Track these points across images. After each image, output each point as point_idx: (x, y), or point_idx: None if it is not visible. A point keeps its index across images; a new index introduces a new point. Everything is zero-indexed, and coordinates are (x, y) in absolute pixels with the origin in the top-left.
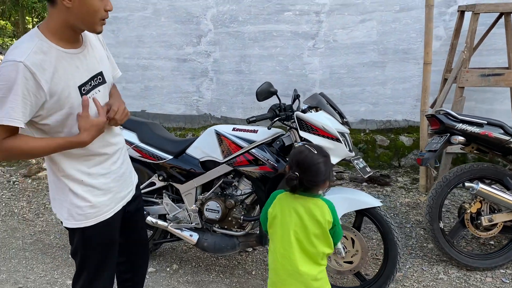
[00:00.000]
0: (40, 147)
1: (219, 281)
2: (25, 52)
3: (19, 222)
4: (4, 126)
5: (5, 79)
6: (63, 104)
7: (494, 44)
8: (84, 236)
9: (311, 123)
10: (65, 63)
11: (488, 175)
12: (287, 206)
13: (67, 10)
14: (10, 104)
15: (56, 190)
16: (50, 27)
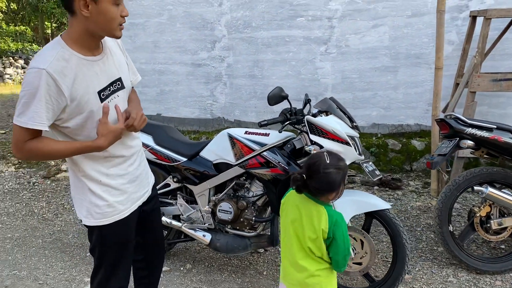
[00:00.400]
0: (59, 150)
1: (231, 281)
2: (48, 59)
3: (39, 221)
4: (28, 129)
5: (29, 86)
6: (82, 108)
7: (507, 49)
8: (102, 234)
9: (321, 127)
10: (85, 70)
11: (498, 179)
12: (293, 202)
13: (86, 19)
14: (34, 108)
15: (76, 190)
16: (71, 36)
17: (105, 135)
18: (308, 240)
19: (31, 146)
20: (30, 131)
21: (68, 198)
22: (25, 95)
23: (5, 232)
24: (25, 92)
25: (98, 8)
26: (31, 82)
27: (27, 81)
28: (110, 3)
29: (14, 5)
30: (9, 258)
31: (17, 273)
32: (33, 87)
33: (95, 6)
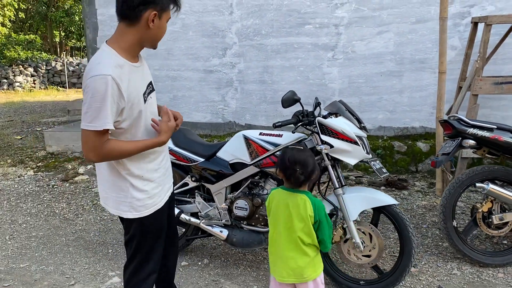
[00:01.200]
0: (131, 148)
1: (246, 274)
2: (109, 66)
3: (61, 221)
4: (102, 131)
5: (97, 91)
6: (134, 109)
7: (508, 53)
8: (143, 224)
9: (332, 128)
10: (134, 75)
11: (499, 177)
12: (278, 200)
13: (147, 30)
14: (105, 111)
15: (116, 189)
16: (121, 45)
17: (167, 132)
18: (298, 230)
19: (108, 148)
20: (103, 133)
21: (87, 199)
22: (95, 101)
23: (30, 231)
24: (93, 98)
25: (160, 23)
26: (98, 88)
27: (94, 88)
28: (166, 20)
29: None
30: (36, 254)
31: (44, 268)
32: (101, 92)
33: (158, 21)
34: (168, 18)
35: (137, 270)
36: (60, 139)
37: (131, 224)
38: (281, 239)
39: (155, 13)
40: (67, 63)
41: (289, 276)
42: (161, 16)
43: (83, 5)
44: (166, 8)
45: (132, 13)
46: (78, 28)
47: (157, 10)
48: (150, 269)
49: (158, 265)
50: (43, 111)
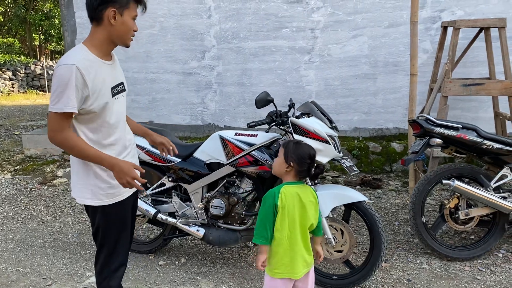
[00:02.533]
0: (84, 148)
1: (223, 272)
2: (76, 58)
3: (39, 223)
4: (63, 114)
5: (62, 78)
6: (100, 100)
7: (477, 57)
8: (106, 214)
9: (304, 127)
10: (103, 70)
11: (466, 174)
12: (292, 196)
13: (111, 27)
14: (67, 96)
15: (82, 175)
16: (93, 43)
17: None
18: (312, 218)
19: (66, 135)
20: (65, 116)
21: (66, 201)
22: (59, 86)
23: (6, 234)
24: (58, 84)
25: (122, 19)
26: (63, 75)
27: (60, 74)
28: (130, 17)
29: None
30: (12, 256)
31: (21, 269)
32: (65, 79)
33: (120, 18)
34: (133, 15)
35: (106, 262)
36: (38, 142)
37: (95, 214)
38: (297, 235)
39: (114, 10)
40: (46, 67)
41: (304, 268)
42: (123, 13)
43: (61, 8)
44: (125, 5)
45: (95, 13)
46: (58, 32)
47: (116, 7)
48: (119, 261)
49: (127, 257)
50: (21, 115)
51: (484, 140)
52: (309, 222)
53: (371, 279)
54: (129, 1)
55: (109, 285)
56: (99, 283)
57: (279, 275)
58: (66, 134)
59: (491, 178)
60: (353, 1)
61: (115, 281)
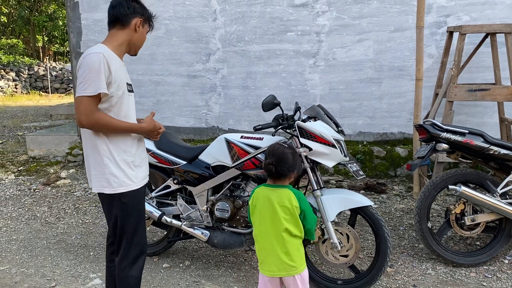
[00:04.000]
0: (117, 124)
1: (227, 275)
2: (102, 50)
3: (42, 225)
4: (95, 97)
5: (92, 64)
6: (120, 89)
7: (483, 62)
8: (122, 202)
9: (310, 131)
10: (120, 66)
11: (471, 180)
12: (263, 197)
13: (134, 34)
14: (98, 80)
15: (97, 165)
16: (113, 43)
17: (150, 123)
18: (285, 222)
19: (98, 116)
20: (96, 98)
21: (69, 203)
22: (90, 72)
23: (10, 235)
24: (89, 70)
25: (143, 30)
26: (93, 61)
27: (90, 61)
28: (146, 31)
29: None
30: (16, 257)
31: (25, 270)
32: (95, 65)
33: (142, 28)
34: (147, 31)
35: (126, 252)
36: (42, 143)
37: (112, 204)
38: (270, 235)
39: (141, 20)
40: (50, 68)
41: (280, 270)
42: (143, 26)
43: (67, 10)
44: (146, 21)
45: (125, 18)
46: (62, 33)
47: (142, 19)
48: (138, 250)
49: (146, 245)
50: (25, 115)
51: (491, 146)
52: (282, 227)
53: (376, 284)
54: (148, 18)
55: (129, 275)
56: (120, 273)
57: (260, 269)
58: (97, 115)
59: (497, 184)
60: (359, 5)
61: (136, 270)
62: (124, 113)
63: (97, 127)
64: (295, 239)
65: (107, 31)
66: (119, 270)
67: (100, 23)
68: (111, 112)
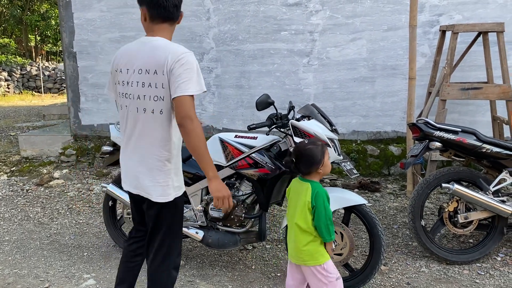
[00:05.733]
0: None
1: (222, 275)
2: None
3: (35, 225)
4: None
5: (193, 63)
6: None
7: (475, 61)
8: (176, 206)
9: (304, 130)
10: None
11: (464, 178)
12: (292, 188)
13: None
14: (201, 79)
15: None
16: (170, 39)
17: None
18: (297, 216)
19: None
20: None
21: (63, 203)
22: (192, 71)
23: (3, 236)
24: (191, 69)
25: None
26: (193, 60)
27: (191, 61)
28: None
29: None
30: (9, 258)
31: (18, 271)
32: (195, 64)
33: None
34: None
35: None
36: (35, 143)
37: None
38: (290, 223)
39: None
40: (42, 68)
41: (292, 257)
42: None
43: (59, 9)
44: None
45: (176, 13)
46: (54, 33)
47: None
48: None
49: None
50: (17, 115)
51: (483, 144)
52: (295, 219)
53: (371, 282)
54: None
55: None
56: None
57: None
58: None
59: (490, 182)
60: (352, 4)
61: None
62: None
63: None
64: (304, 235)
65: (100, 30)
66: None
67: (93, 22)
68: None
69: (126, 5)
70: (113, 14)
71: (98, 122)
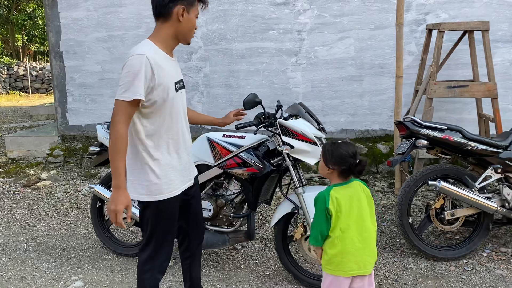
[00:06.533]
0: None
1: (211, 274)
2: (146, 49)
3: (22, 227)
4: (131, 102)
5: (132, 67)
6: (165, 92)
7: (461, 59)
8: (158, 209)
9: (292, 129)
10: (168, 64)
11: (451, 175)
12: (344, 197)
13: (178, 24)
14: (136, 85)
15: (136, 172)
16: (159, 38)
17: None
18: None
19: (123, 129)
20: (131, 104)
21: (50, 205)
22: (129, 75)
23: None
24: (128, 73)
25: (188, 17)
26: (134, 64)
27: (130, 64)
28: (194, 15)
29: None
30: None
31: (4, 274)
32: (135, 68)
33: (187, 15)
34: (196, 13)
35: (152, 256)
36: (22, 144)
37: (146, 209)
38: (354, 232)
39: (183, 7)
40: (30, 68)
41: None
42: (189, 11)
43: (45, 8)
44: (193, 3)
45: (164, 9)
46: (42, 32)
47: (185, 5)
48: (165, 256)
49: (170, 255)
50: (4, 116)
51: (469, 142)
52: (366, 220)
53: None
54: (192, 2)
55: (154, 277)
56: (141, 275)
57: (330, 271)
58: (123, 129)
59: (475, 179)
60: (340, 3)
61: (159, 275)
62: (170, 115)
63: (113, 137)
64: (374, 232)
65: (87, 30)
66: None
67: (80, 22)
68: (156, 115)
69: (113, 4)
70: (100, 13)
71: (85, 122)
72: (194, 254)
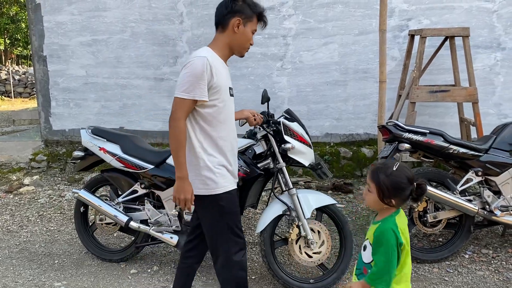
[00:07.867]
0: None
1: (196, 279)
2: (207, 54)
3: (4, 233)
4: (192, 102)
5: (196, 68)
6: (221, 95)
7: (443, 64)
8: (217, 203)
9: (293, 130)
10: (224, 70)
11: (433, 178)
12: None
13: (234, 35)
14: (200, 85)
15: (193, 166)
16: (216, 46)
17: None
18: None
19: (183, 126)
20: (192, 102)
21: (33, 210)
22: (193, 76)
23: None
24: (191, 74)
25: (244, 29)
26: (197, 66)
27: (193, 65)
28: (250, 29)
29: None
30: None
31: None
32: (199, 69)
33: (243, 28)
34: (253, 29)
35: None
36: (4, 150)
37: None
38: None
39: (239, 19)
40: (12, 72)
41: None
42: (246, 24)
43: (28, 12)
44: (250, 18)
45: (223, 19)
46: (25, 36)
47: (242, 18)
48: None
49: (244, 243)
50: None
51: (450, 145)
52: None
53: (343, 282)
54: (253, 15)
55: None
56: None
57: None
58: (183, 125)
59: (457, 182)
60: (324, 9)
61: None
62: (224, 118)
63: (174, 135)
64: None
65: (70, 33)
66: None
67: (64, 26)
68: (211, 116)
69: (98, 9)
70: (84, 17)
71: (69, 127)
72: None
